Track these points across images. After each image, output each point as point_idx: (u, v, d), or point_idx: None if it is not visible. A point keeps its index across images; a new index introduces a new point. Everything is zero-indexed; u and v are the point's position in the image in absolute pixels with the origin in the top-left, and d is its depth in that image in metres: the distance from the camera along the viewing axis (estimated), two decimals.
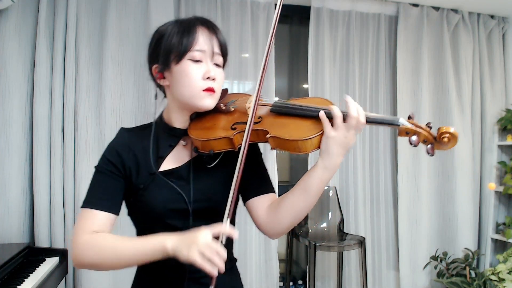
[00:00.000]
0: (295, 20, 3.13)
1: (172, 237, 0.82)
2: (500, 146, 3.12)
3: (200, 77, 0.92)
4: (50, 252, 1.96)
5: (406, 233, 2.93)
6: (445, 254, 2.95)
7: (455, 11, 3.05)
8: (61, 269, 1.93)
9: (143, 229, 0.98)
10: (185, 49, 0.91)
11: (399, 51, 2.93)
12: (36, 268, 1.75)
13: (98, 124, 2.35)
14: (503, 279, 2.63)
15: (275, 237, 1.01)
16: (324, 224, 2.80)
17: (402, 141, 2.92)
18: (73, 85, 2.29)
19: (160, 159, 0.96)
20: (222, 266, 0.77)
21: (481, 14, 3.12)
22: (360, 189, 2.87)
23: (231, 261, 1.06)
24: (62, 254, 1.96)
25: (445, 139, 0.84)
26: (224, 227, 0.82)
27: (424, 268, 2.96)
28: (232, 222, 1.05)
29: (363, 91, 2.92)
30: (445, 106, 3.03)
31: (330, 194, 2.82)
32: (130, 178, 0.95)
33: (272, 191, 1.03)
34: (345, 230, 2.80)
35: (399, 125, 0.86)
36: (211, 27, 0.95)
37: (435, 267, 2.93)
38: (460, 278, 2.74)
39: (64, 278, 2.07)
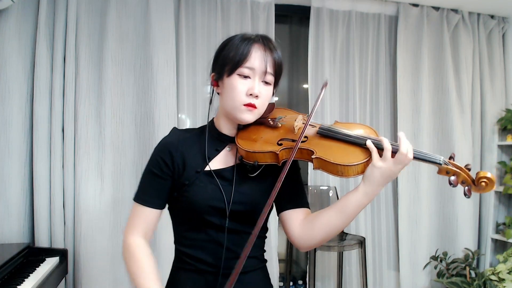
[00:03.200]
0: (295, 20, 3.13)
1: None
2: (500, 146, 3.12)
3: (244, 92, 0.98)
4: (50, 252, 1.96)
5: (406, 233, 2.93)
6: (445, 254, 2.95)
7: (455, 11, 3.05)
8: (61, 269, 1.93)
9: (181, 224, 1.06)
10: (237, 64, 0.98)
11: (399, 51, 2.93)
12: (36, 268, 1.75)
13: (98, 124, 2.35)
14: (503, 279, 2.63)
15: (305, 249, 1.07)
16: None
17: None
18: (73, 85, 2.29)
19: (208, 159, 1.03)
20: None
21: (481, 14, 3.12)
22: None
23: (262, 261, 1.12)
24: (62, 254, 1.97)
25: (483, 184, 0.89)
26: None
27: (424, 268, 2.96)
28: (265, 227, 1.11)
29: (363, 91, 2.92)
30: (445, 106, 3.03)
31: (330, 194, 2.82)
32: (177, 175, 1.02)
33: (307, 206, 1.09)
34: (345, 230, 2.80)
35: (441, 165, 0.91)
36: (268, 46, 1.01)
37: (435, 267, 2.93)
38: (460, 278, 2.74)
39: (64, 278, 2.07)
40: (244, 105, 0.99)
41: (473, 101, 3.11)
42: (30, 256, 1.89)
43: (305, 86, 2.99)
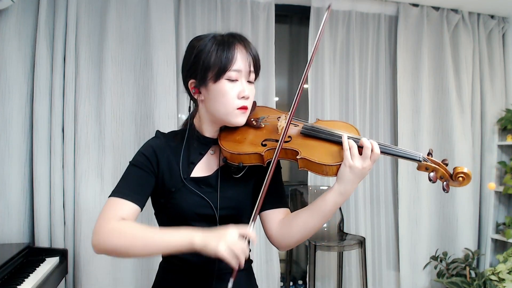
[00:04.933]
0: (295, 20, 3.13)
1: (200, 232, 0.86)
2: (500, 146, 3.12)
3: (235, 96, 0.97)
4: (50, 252, 1.96)
5: (406, 233, 2.93)
6: (445, 254, 2.95)
7: (455, 11, 3.05)
8: (61, 269, 1.93)
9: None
10: (224, 69, 0.95)
11: (399, 51, 2.93)
12: (36, 268, 1.75)
13: (98, 124, 2.35)
14: (503, 279, 2.63)
15: (283, 249, 1.07)
16: (324, 224, 2.80)
17: (402, 141, 2.92)
18: (73, 85, 2.29)
19: (192, 164, 1.02)
20: (243, 263, 0.84)
21: (481, 14, 3.12)
22: (360, 189, 2.87)
23: (248, 261, 1.11)
24: (62, 254, 1.97)
25: (460, 179, 0.92)
26: (249, 230, 0.88)
27: (424, 268, 2.96)
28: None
29: (363, 91, 2.92)
30: (445, 106, 3.03)
31: None
32: (162, 180, 0.99)
33: (287, 206, 1.09)
34: (345, 230, 2.80)
35: (420, 161, 0.94)
36: (247, 45, 0.99)
37: (435, 267, 2.93)
38: (460, 278, 2.74)
39: (64, 278, 2.07)
40: (238, 108, 0.98)
41: (473, 101, 3.11)
42: (30, 256, 1.89)
43: (305, 86, 2.98)
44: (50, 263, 1.84)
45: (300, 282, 3.02)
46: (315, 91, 2.80)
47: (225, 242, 0.82)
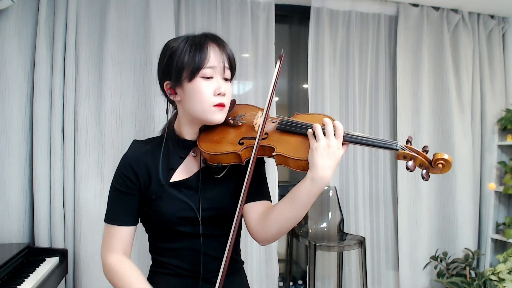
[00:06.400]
0: (295, 20, 3.13)
1: None
2: (500, 146, 3.12)
3: (211, 93, 0.97)
4: (50, 252, 1.96)
5: (406, 233, 2.93)
6: (445, 254, 2.95)
7: (455, 11, 3.05)
8: (61, 269, 1.93)
9: (155, 235, 1.05)
10: (198, 67, 0.95)
11: (399, 51, 2.93)
12: (36, 268, 1.75)
13: (98, 124, 2.35)
14: (503, 279, 2.63)
15: (263, 243, 1.04)
16: (324, 224, 2.80)
17: (402, 141, 2.92)
18: (73, 85, 2.29)
19: (172, 170, 1.02)
20: None
21: (481, 14, 3.12)
22: (360, 189, 2.87)
23: (238, 263, 1.11)
24: (62, 254, 1.97)
25: (440, 165, 0.89)
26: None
27: (424, 268, 2.96)
28: (239, 227, 1.09)
29: (363, 91, 2.92)
30: (445, 106, 3.03)
31: (330, 194, 2.82)
32: (144, 190, 1.00)
33: (267, 199, 1.06)
34: (345, 230, 2.80)
35: (397, 150, 0.91)
36: (220, 43, 0.99)
37: (435, 267, 2.93)
38: (460, 278, 2.74)
39: (64, 278, 2.07)
40: (214, 105, 0.97)
41: (473, 101, 3.11)
42: (30, 256, 1.89)
43: (305, 86, 2.99)
44: (50, 263, 1.84)
45: (300, 282, 3.02)
46: (315, 91, 2.80)
47: None
